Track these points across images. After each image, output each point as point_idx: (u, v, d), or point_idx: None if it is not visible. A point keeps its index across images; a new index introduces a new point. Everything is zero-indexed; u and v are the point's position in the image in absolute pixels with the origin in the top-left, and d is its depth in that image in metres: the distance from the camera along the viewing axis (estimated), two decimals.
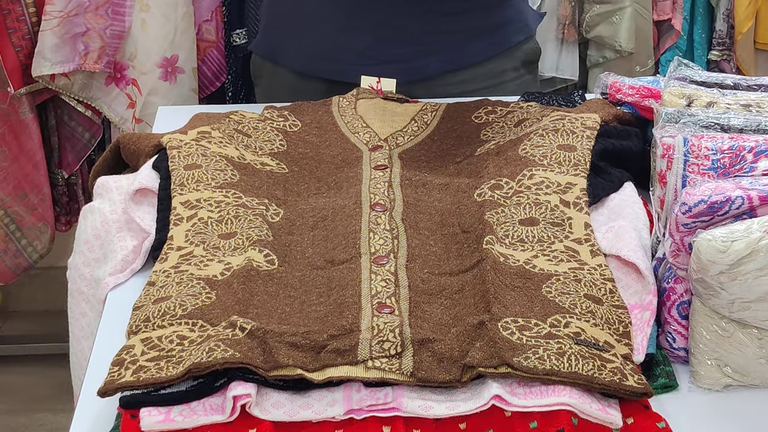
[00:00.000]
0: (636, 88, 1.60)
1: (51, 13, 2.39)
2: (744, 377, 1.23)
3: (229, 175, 1.50)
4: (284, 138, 1.64)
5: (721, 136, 1.29)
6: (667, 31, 2.74)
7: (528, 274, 1.29)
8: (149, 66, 2.46)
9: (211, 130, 1.60)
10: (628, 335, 1.22)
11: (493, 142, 1.59)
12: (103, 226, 1.48)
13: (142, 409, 1.12)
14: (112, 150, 1.66)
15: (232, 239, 1.38)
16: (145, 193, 1.49)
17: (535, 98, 1.76)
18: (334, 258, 1.35)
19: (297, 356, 1.16)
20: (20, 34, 2.44)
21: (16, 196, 2.59)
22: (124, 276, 1.41)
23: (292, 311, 1.25)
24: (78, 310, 1.49)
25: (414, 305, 1.25)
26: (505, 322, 1.19)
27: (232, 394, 1.12)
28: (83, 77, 2.49)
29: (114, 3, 2.41)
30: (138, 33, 2.44)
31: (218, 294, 1.28)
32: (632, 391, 1.13)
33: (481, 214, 1.41)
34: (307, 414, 1.14)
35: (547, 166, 1.48)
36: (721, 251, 1.14)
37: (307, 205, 1.48)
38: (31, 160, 2.57)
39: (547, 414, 1.12)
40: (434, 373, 1.14)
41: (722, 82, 1.45)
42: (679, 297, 1.26)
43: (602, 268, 1.32)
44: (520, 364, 1.12)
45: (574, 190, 1.44)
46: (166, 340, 1.20)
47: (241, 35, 2.57)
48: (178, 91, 2.49)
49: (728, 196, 1.18)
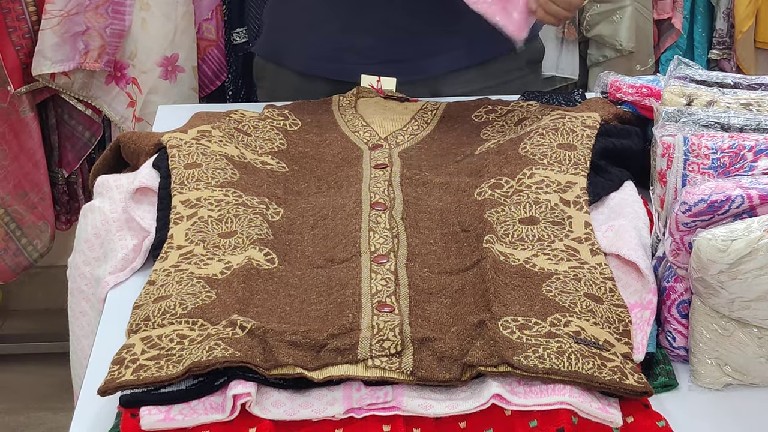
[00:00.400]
0: (636, 87, 1.60)
1: (51, 12, 2.39)
2: (744, 376, 1.23)
3: (229, 173, 1.50)
4: (284, 137, 1.64)
5: (721, 135, 1.29)
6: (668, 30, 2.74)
7: (528, 273, 1.29)
8: (149, 65, 2.46)
9: (211, 129, 1.60)
10: (628, 334, 1.22)
11: (493, 141, 1.59)
12: (103, 224, 1.48)
13: (142, 408, 1.12)
14: (113, 149, 1.66)
15: (232, 238, 1.38)
16: (146, 192, 1.49)
17: (535, 97, 1.76)
18: (334, 257, 1.35)
19: (297, 355, 1.16)
20: (20, 32, 2.44)
21: (16, 195, 2.59)
22: (124, 275, 1.41)
23: (292, 310, 1.25)
24: (78, 309, 1.49)
25: (414, 304, 1.25)
26: (505, 321, 1.19)
27: (232, 392, 1.12)
28: (83, 76, 2.49)
29: (114, 2, 2.41)
30: (138, 32, 2.44)
31: (218, 293, 1.28)
32: (632, 390, 1.13)
33: (481, 213, 1.41)
34: (307, 413, 1.14)
35: (547, 165, 1.48)
36: (721, 250, 1.14)
37: (307, 204, 1.48)
38: (31, 158, 2.57)
39: (547, 413, 1.12)
40: (434, 371, 1.14)
41: (722, 81, 1.45)
42: (679, 296, 1.26)
43: (602, 267, 1.32)
44: (520, 363, 1.12)
45: (574, 189, 1.44)
46: (166, 338, 1.20)
47: (242, 34, 2.57)
48: (178, 90, 2.49)
49: (728, 195, 1.18)
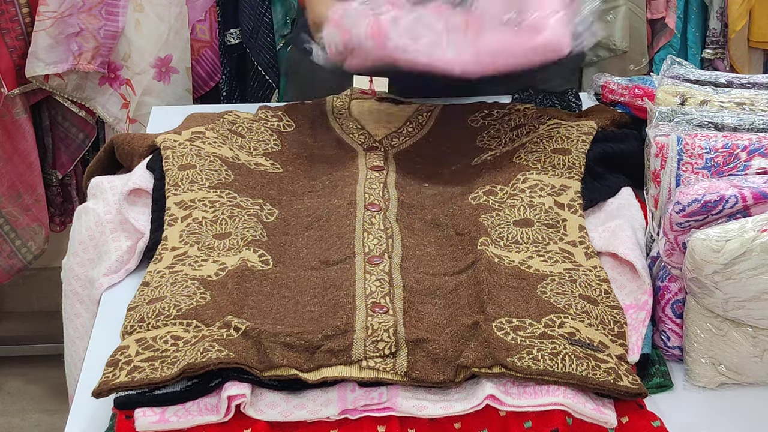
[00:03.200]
0: (629, 88, 1.60)
1: (44, 14, 2.39)
2: (738, 375, 1.23)
3: (223, 175, 1.50)
4: (278, 138, 1.64)
5: (714, 135, 1.29)
6: (661, 29, 2.74)
7: (523, 275, 1.29)
8: (143, 66, 2.46)
9: (205, 130, 1.60)
10: (623, 335, 1.22)
11: (489, 152, 1.58)
12: (97, 226, 1.48)
13: (137, 410, 1.12)
14: (106, 150, 1.65)
15: (227, 239, 1.38)
16: (140, 194, 1.49)
17: (529, 98, 1.75)
18: (328, 258, 1.35)
19: (291, 356, 1.16)
20: (14, 34, 2.44)
21: (10, 197, 2.59)
22: (118, 276, 1.41)
23: (286, 311, 1.25)
24: (72, 311, 1.49)
25: (408, 305, 1.24)
26: (499, 323, 1.19)
27: (227, 394, 1.12)
28: (77, 78, 2.48)
29: (107, 3, 2.41)
30: (132, 33, 2.43)
31: (213, 294, 1.28)
32: (626, 392, 1.13)
33: (476, 216, 1.41)
34: (302, 414, 1.14)
35: (540, 169, 1.48)
36: (715, 251, 1.14)
37: (301, 205, 1.48)
38: (25, 160, 2.56)
39: (541, 414, 1.12)
40: (428, 373, 1.14)
41: (716, 80, 1.45)
42: (674, 296, 1.26)
43: (597, 269, 1.32)
44: (513, 364, 1.12)
45: (568, 192, 1.44)
46: (160, 340, 1.20)
47: (235, 35, 2.56)
48: (172, 91, 2.49)
49: (722, 195, 1.18)
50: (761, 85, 1.44)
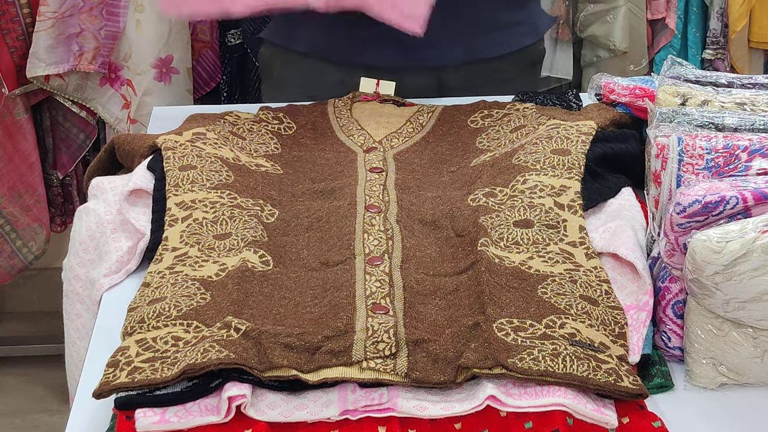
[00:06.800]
0: (629, 88, 1.60)
1: (45, 14, 2.39)
2: (739, 376, 1.23)
3: (224, 175, 1.50)
4: (279, 141, 1.64)
5: (715, 135, 1.29)
6: (662, 30, 2.74)
7: (523, 275, 1.29)
8: (144, 66, 2.46)
9: (206, 131, 1.60)
10: (624, 336, 1.22)
11: (489, 153, 1.58)
12: (98, 227, 1.48)
13: (138, 410, 1.12)
14: (107, 151, 1.66)
15: (227, 240, 1.38)
16: (140, 194, 1.49)
17: (529, 98, 1.75)
18: (328, 259, 1.35)
19: (292, 357, 1.16)
20: (14, 35, 2.44)
21: (10, 197, 2.59)
22: (119, 277, 1.41)
23: (286, 312, 1.25)
24: (73, 311, 1.49)
25: (408, 306, 1.24)
26: (500, 323, 1.19)
27: (228, 394, 1.12)
28: (78, 78, 2.48)
29: (108, 4, 2.41)
30: (132, 33, 2.44)
31: (213, 295, 1.28)
32: (627, 393, 1.13)
33: (476, 218, 1.40)
34: (303, 415, 1.14)
35: (540, 170, 1.47)
36: (716, 252, 1.14)
37: (302, 206, 1.48)
38: (25, 161, 2.57)
39: (542, 414, 1.12)
40: (429, 373, 1.14)
41: (716, 81, 1.45)
42: (674, 296, 1.26)
43: (598, 270, 1.32)
44: (514, 365, 1.12)
45: (568, 192, 1.43)
46: (161, 341, 1.20)
47: (236, 35, 2.57)
48: (172, 92, 2.49)
49: (723, 196, 1.18)
50: (762, 86, 1.44)
